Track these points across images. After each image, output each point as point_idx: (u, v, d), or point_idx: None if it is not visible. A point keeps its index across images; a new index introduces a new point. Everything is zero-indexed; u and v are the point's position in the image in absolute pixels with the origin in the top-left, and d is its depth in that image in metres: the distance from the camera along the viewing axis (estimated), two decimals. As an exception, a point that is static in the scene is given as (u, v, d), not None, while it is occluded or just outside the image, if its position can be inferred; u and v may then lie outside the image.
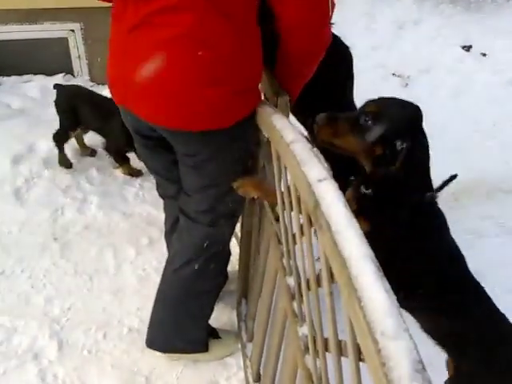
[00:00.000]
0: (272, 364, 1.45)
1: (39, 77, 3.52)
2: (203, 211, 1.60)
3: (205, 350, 1.85)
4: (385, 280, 0.68)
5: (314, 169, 0.96)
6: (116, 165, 2.85)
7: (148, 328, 1.83)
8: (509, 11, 4.83)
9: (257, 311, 1.74)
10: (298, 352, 1.16)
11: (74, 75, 3.64)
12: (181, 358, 1.86)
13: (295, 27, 1.33)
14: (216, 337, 1.90)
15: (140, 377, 1.82)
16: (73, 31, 3.48)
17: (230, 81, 1.33)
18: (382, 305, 0.64)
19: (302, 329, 1.16)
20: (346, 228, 0.78)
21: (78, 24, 3.46)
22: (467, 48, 4.39)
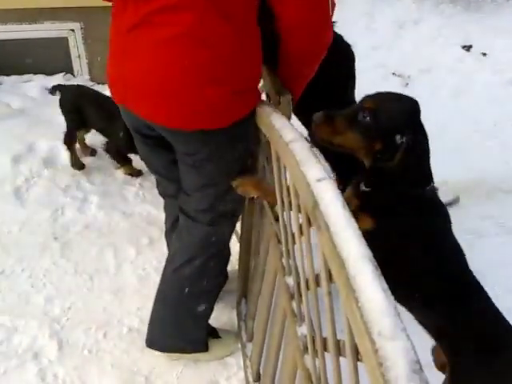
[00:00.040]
0: (272, 364, 1.45)
1: (39, 76, 3.52)
2: (203, 210, 1.60)
3: (205, 350, 1.85)
4: (383, 280, 0.68)
5: (313, 168, 0.96)
6: (117, 165, 2.84)
7: (148, 328, 1.83)
8: (509, 11, 4.83)
9: (257, 311, 1.74)
10: (297, 352, 1.16)
11: (74, 75, 3.65)
12: (181, 358, 1.86)
13: (295, 27, 1.33)
14: (216, 336, 1.90)
15: (140, 376, 1.82)
16: (73, 31, 3.49)
17: (230, 81, 1.33)
18: (380, 305, 0.64)
19: (301, 328, 1.16)
20: (345, 228, 0.79)
21: (78, 23, 3.46)
22: (467, 48, 4.39)
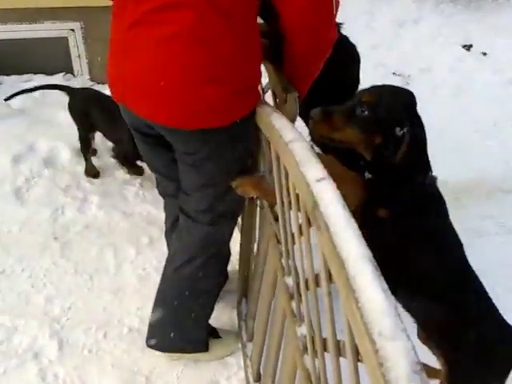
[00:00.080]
0: (272, 364, 1.45)
1: (39, 76, 3.51)
2: (203, 210, 1.60)
3: (205, 350, 1.85)
4: (382, 280, 0.68)
5: (313, 169, 0.96)
6: (123, 167, 2.80)
7: (148, 327, 1.82)
8: (509, 10, 4.82)
9: (257, 311, 1.74)
10: (297, 352, 1.16)
11: (74, 74, 3.64)
12: (181, 358, 1.86)
13: (298, 29, 1.34)
14: (216, 336, 1.90)
15: (140, 376, 1.82)
16: (73, 30, 3.48)
17: (230, 80, 1.33)
18: (380, 305, 0.64)
19: (301, 329, 1.16)
20: (345, 228, 0.79)
21: (78, 23, 3.46)
22: (468, 47, 4.39)
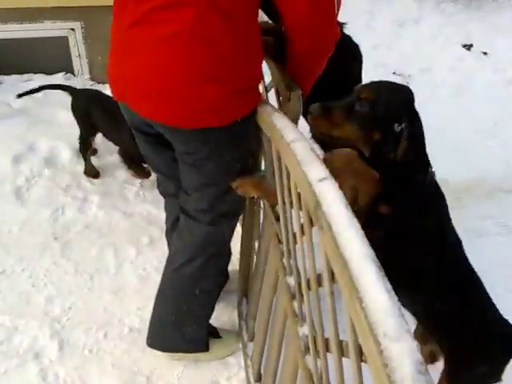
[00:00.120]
0: (273, 364, 1.45)
1: (39, 76, 3.51)
2: (203, 210, 1.60)
3: (206, 350, 1.85)
4: (386, 280, 0.68)
5: (315, 168, 0.95)
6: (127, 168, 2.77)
7: (149, 327, 1.82)
8: (509, 9, 4.83)
9: (258, 311, 1.74)
10: (299, 352, 1.16)
11: (75, 74, 3.64)
12: (182, 358, 1.85)
13: (299, 30, 1.34)
14: (217, 336, 1.90)
15: (141, 376, 1.82)
16: (73, 30, 3.48)
17: (231, 80, 1.33)
18: (384, 305, 0.64)
19: (303, 329, 1.16)
20: (347, 228, 0.78)
21: (79, 23, 3.46)
22: (468, 47, 4.39)
